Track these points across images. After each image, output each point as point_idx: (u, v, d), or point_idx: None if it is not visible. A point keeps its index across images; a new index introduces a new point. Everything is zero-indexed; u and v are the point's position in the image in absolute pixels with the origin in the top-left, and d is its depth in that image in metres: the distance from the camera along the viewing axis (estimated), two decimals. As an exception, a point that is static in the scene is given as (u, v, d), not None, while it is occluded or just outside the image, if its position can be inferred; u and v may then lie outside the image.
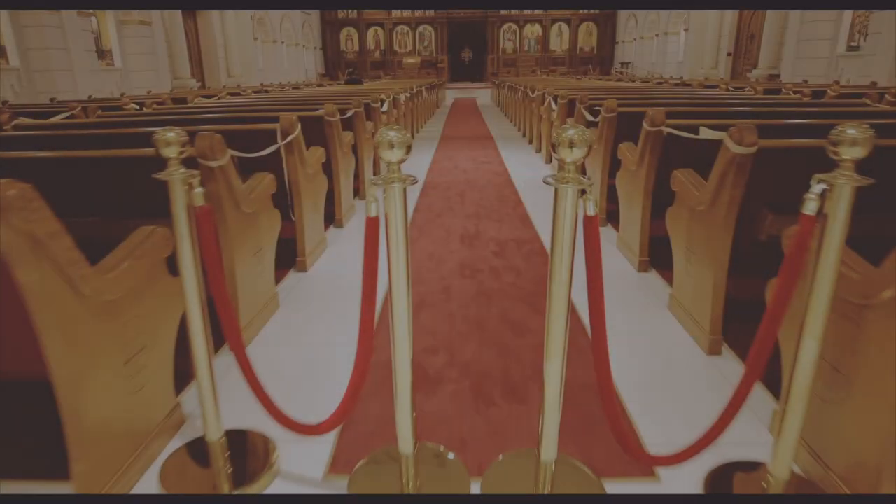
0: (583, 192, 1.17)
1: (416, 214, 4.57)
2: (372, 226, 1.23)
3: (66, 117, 5.88)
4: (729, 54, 16.71)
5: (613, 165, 3.88)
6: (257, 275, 2.54)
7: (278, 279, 3.12)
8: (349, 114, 4.70)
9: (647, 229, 3.17)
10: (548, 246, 3.74)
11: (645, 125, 3.01)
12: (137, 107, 6.54)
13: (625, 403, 1.95)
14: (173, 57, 14.46)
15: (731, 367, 2.19)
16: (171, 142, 1.37)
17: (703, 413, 1.89)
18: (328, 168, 3.98)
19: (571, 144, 1.13)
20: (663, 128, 2.94)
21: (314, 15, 26.43)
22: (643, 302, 2.82)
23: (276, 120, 3.06)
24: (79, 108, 6.10)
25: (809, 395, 1.30)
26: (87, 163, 2.27)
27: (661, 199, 3.12)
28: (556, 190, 1.18)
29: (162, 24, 14.07)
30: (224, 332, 1.52)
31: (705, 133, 2.19)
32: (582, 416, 1.86)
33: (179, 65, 14.55)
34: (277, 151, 2.99)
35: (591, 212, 1.19)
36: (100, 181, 2.31)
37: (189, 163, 1.62)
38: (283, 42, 22.29)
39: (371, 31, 27.75)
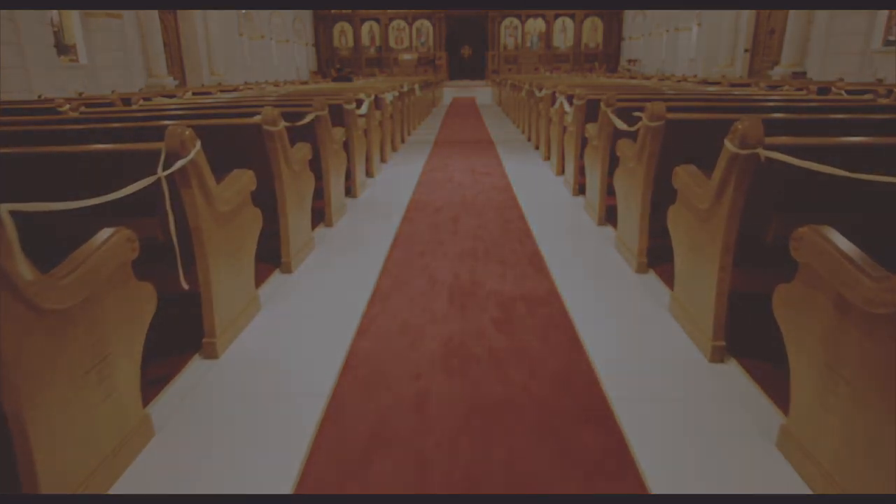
0: None
1: (393, 251, 3.50)
2: None
3: (-25, 122, 4.85)
4: (746, 50, 15.59)
5: (660, 194, 2.82)
6: (92, 406, 1.48)
7: (169, 378, 2.05)
8: (308, 119, 3.64)
9: (725, 299, 2.11)
10: (572, 308, 2.50)
11: (730, 145, 1.94)
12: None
13: None
14: (148, 53, 13.37)
15: None
16: None
17: None
18: (269, 198, 2.93)
19: None
20: (761, 151, 1.88)
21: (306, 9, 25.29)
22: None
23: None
24: (-8, 112, 5.04)
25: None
26: None
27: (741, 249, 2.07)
28: None
29: (136, 18, 12.97)
30: None
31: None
32: None
33: (155, 62, 13.45)
34: (159, 183, 1.93)
35: None
36: None
37: None
38: (271, 38, 21.17)
39: (366, 27, 26.57)
